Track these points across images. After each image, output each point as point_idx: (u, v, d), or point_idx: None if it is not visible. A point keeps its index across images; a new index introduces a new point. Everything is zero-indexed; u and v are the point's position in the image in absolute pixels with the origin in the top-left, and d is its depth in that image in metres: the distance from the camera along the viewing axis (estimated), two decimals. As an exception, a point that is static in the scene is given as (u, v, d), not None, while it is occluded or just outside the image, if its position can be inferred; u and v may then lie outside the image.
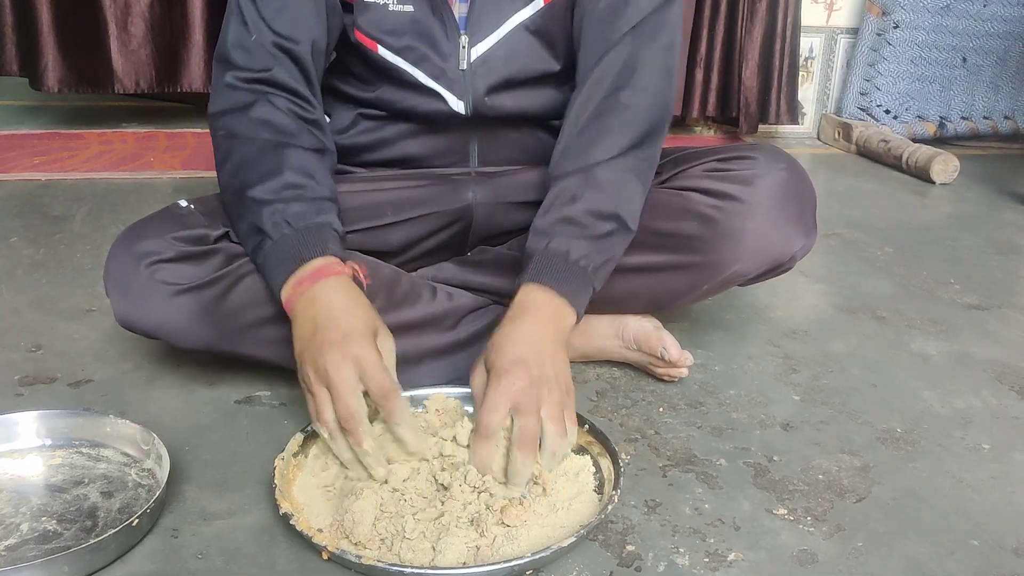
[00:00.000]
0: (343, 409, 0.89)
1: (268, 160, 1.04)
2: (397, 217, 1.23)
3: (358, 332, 0.92)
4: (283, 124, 1.06)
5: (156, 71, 2.52)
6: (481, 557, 0.86)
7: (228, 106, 1.08)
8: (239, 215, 1.06)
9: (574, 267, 1.01)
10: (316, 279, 0.97)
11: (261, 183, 1.03)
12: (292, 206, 1.01)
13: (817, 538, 0.93)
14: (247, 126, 1.06)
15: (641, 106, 1.10)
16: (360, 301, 0.97)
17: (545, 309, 0.99)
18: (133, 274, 1.05)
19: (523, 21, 1.15)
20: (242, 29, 1.08)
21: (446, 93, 1.16)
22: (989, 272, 1.77)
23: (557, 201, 1.06)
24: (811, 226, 1.17)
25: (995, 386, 1.28)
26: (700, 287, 1.18)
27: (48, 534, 0.88)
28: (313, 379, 0.91)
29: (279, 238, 1.00)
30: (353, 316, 0.94)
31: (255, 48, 1.07)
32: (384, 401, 0.90)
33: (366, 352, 0.91)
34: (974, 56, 2.86)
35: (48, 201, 1.97)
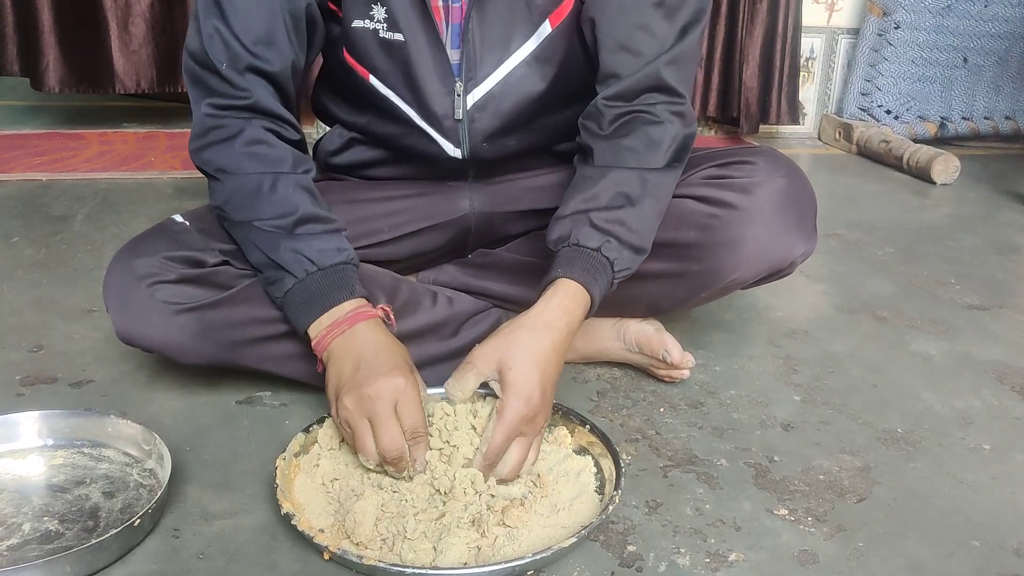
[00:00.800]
0: (389, 442, 0.92)
1: (269, 195, 1.02)
2: (393, 234, 1.22)
3: (401, 365, 0.96)
4: (271, 153, 1.04)
5: (157, 71, 2.52)
6: (482, 557, 0.86)
7: (211, 138, 1.05)
8: (250, 245, 1.05)
9: (612, 277, 1.03)
10: (353, 322, 0.99)
11: (272, 219, 1.02)
12: (311, 243, 1.01)
13: (818, 538, 0.93)
14: (236, 160, 1.03)
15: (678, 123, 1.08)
16: (396, 342, 1.01)
17: (578, 313, 1.00)
18: (133, 292, 1.05)
19: (532, 52, 1.11)
20: (211, 48, 1.03)
21: (441, 140, 1.14)
22: (990, 272, 1.76)
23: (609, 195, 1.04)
24: (811, 232, 1.16)
25: (996, 386, 1.28)
26: (699, 294, 1.17)
27: (50, 534, 0.88)
28: (354, 411, 0.93)
29: (304, 278, 1.01)
30: (395, 354, 0.98)
31: (230, 73, 1.03)
32: (412, 443, 0.93)
33: (409, 385, 0.94)
34: (975, 56, 2.86)
35: (49, 201, 1.97)
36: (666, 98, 1.09)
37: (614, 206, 1.03)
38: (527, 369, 0.95)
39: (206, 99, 1.05)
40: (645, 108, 1.07)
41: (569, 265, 1.01)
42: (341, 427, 0.96)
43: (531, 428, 0.95)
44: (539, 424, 0.97)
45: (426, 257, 1.26)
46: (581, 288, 1.00)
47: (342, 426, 0.96)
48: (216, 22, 1.03)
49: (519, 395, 0.94)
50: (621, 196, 1.04)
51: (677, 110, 1.09)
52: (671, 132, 1.07)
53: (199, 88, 1.06)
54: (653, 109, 1.08)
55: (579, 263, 1.01)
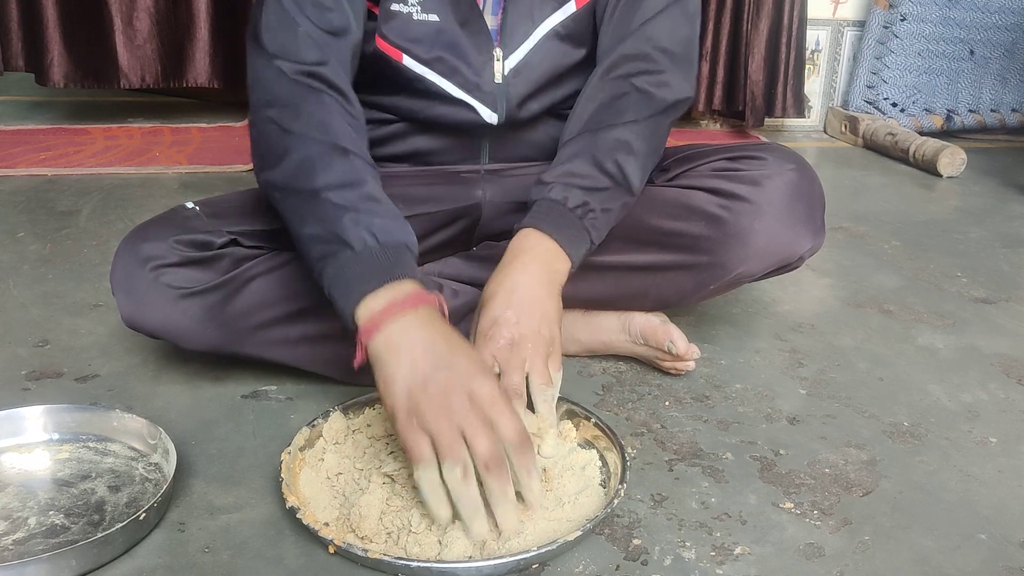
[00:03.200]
0: (490, 447, 0.82)
1: (340, 165, 0.96)
2: (405, 213, 1.22)
3: (486, 370, 0.87)
4: (342, 130, 0.99)
5: (162, 66, 2.52)
6: (487, 551, 0.86)
7: (277, 98, 1.00)
8: (305, 215, 0.95)
9: (570, 214, 1.05)
10: (415, 304, 0.88)
11: (337, 189, 0.94)
12: (375, 219, 0.93)
13: (824, 532, 0.93)
14: (304, 124, 0.98)
15: (657, 93, 1.13)
16: (463, 336, 0.90)
17: (537, 252, 1.02)
18: (138, 277, 1.05)
19: (555, 27, 1.14)
20: (284, 16, 1.02)
21: (479, 106, 1.15)
22: (996, 265, 1.76)
23: (562, 158, 1.10)
24: (819, 227, 1.17)
25: (1002, 379, 1.28)
26: (707, 287, 1.17)
27: (55, 528, 0.89)
28: (440, 413, 0.82)
29: (362, 250, 0.90)
30: (472, 352, 0.89)
31: (303, 38, 1.01)
32: (520, 450, 0.84)
33: (501, 391, 0.85)
34: (981, 49, 2.84)
35: (54, 196, 1.97)
36: (647, 66, 1.13)
37: (559, 163, 1.09)
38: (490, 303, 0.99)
39: (275, 59, 1.01)
40: (620, 82, 1.12)
41: (523, 218, 1.06)
42: (408, 435, 0.83)
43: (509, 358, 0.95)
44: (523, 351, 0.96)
45: (432, 242, 1.26)
46: (530, 229, 1.04)
47: (412, 433, 0.83)
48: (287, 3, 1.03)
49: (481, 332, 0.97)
50: (570, 155, 1.09)
51: (660, 79, 1.13)
52: (642, 101, 1.11)
53: (263, 52, 1.02)
54: (630, 81, 1.12)
55: (528, 213, 1.06)
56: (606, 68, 1.14)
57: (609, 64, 1.13)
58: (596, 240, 1.07)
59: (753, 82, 2.72)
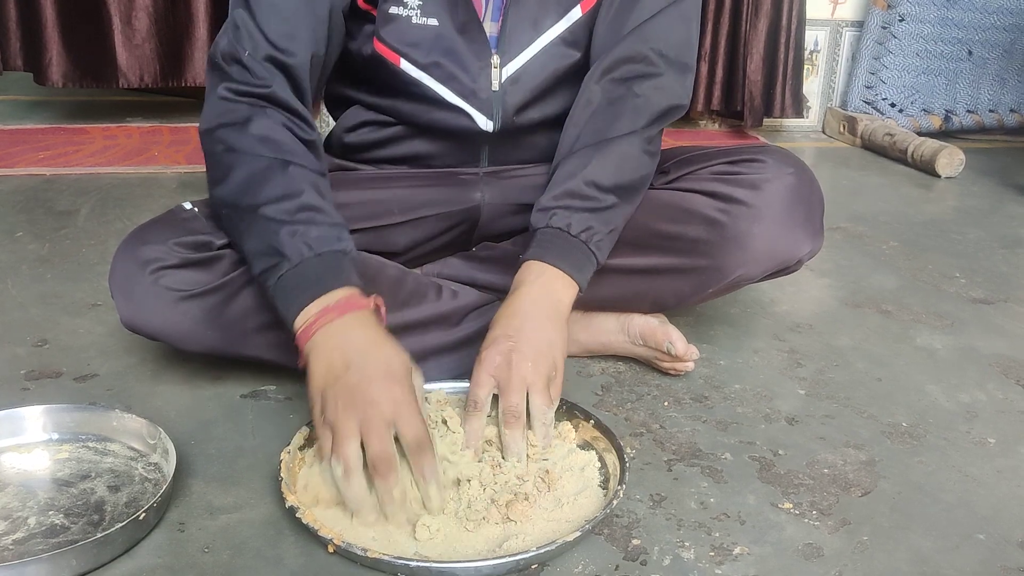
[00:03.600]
0: (381, 449, 0.85)
1: (279, 178, 0.99)
2: (404, 217, 1.22)
3: (399, 371, 0.89)
4: (285, 143, 1.01)
5: (160, 65, 2.52)
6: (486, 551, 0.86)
7: (224, 120, 1.02)
8: (246, 232, 1.00)
9: (575, 241, 1.05)
10: (344, 311, 0.92)
11: (276, 202, 0.97)
12: (311, 229, 0.96)
13: (823, 532, 0.93)
14: (248, 142, 1.00)
15: (653, 98, 1.13)
16: (390, 338, 0.93)
17: (542, 284, 1.03)
18: (137, 279, 1.05)
19: (560, 34, 1.14)
20: (237, 38, 1.03)
21: (475, 113, 1.16)
22: (995, 266, 1.76)
23: (559, 177, 1.09)
24: (818, 230, 1.17)
25: (1001, 380, 1.28)
26: (706, 290, 1.18)
27: (55, 528, 0.89)
28: (341, 412, 0.86)
29: (299, 262, 0.94)
30: (390, 353, 0.91)
31: (250, 62, 1.02)
32: (418, 453, 0.87)
33: (407, 395, 0.88)
34: (980, 49, 2.85)
35: (53, 196, 1.97)
36: (645, 69, 1.13)
37: (559, 183, 1.08)
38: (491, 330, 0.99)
39: (223, 83, 1.03)
40: (617, 86, 1.12)
41: (525, 249, 1.06)
42: (320, 431, 0.89)
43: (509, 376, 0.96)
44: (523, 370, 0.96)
45: (431, 245, 1.26)
46: (534, 261, 1.04)
47: (320, 429, 0.88)
48: (242, 12, 1.04)
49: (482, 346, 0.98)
50: (568, 174, 1.08)
51: (656, 83, 1.13)
52: (639, 107, 1.11)
53: (217, 74, 1.05)
54: (628, 85, 1.12)
55: (531, 243, 1.06)
56: (603, 70, 1.13)
57: (605, 66, 1.13)
58: (602, 260, 1.07)
59: (752, 82, 2.72)
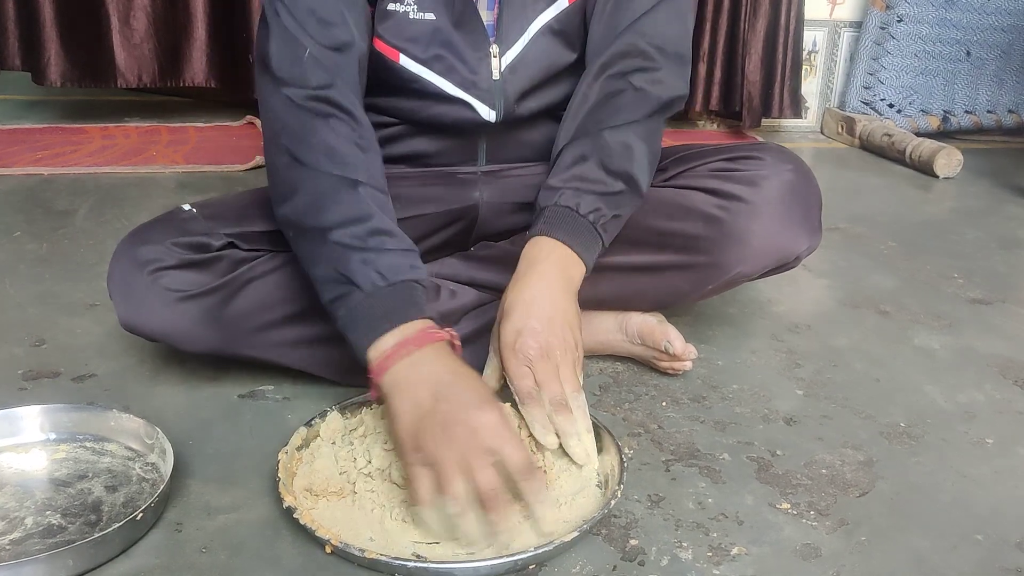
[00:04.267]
0: (489, 484, 0.83)
1: (347, 200, 0.97)
2: (402, 214, 1.22)
3: (489, 398, 0.88)
4: (351, 157, 0.99)
5: (158, 65, 2.52)
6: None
7: (287, 127, 1.00)
8: (314, 257, 0.98)
9: (583, 221, 1.04)
10: (422, 343, 0.90)
11: (345, 227, 0.95)
12: (383, 257, 0.94)
13: (820, 532, 0.93)
14: (314, 157, 0.98)
15: (653, 91, 1.12)
16: (471, 369, 0.93)
17: (552, 260, 1.01)
18: (136, 280, 1.05)
19: (547, 23, 1.14)
20: (288, 38, 1.01)
21: (476, 103, 1.15)
22: (993, 266, 1.76)
23: (566, 161, 1.08)
24: (816, 227, 1.17)
25: (998, 380, 1.28)
26: (704, 287, 1.18)
27: (52, 528, 0.88)
28: (441, 447, 0.84)
29: (372, 291, 0.93)
30: (476, 382, 0.91)
31: (308, 62, 1.00)
32: (528, 478, 0.85)
33: (504, 420, 0.87)
34: (978, 50, 2.85)
35: (51, 196, 1.97)
36: (643, 63, 1.12)
37: (568, 168, 1.07)
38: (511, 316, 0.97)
39: (281, 88, 1.01)
40: (616, 80, 1.11)
41: (533, 227, 1.05)
42: (412, 469, 0.86)
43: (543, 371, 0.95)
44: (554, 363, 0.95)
45: (429, 243, 1.26)
46: (544, 237, 1.03)
47: (415, 467, 0.86)
48: (285, 13, 1.02)
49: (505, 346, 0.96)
50: (577, 158, 1.07)
51: (654, 77, 1.12)
52: (639, 99, 1.11)
53: (271, 80, 1.02)
54: (627, 79, 1.11)
55: (539, 220, 1.04)
56: (600, 66, 1.13)
57: (603, 62, 1.13)
58: (607, 243, 1.07)
59: (750, 83, 2.72)
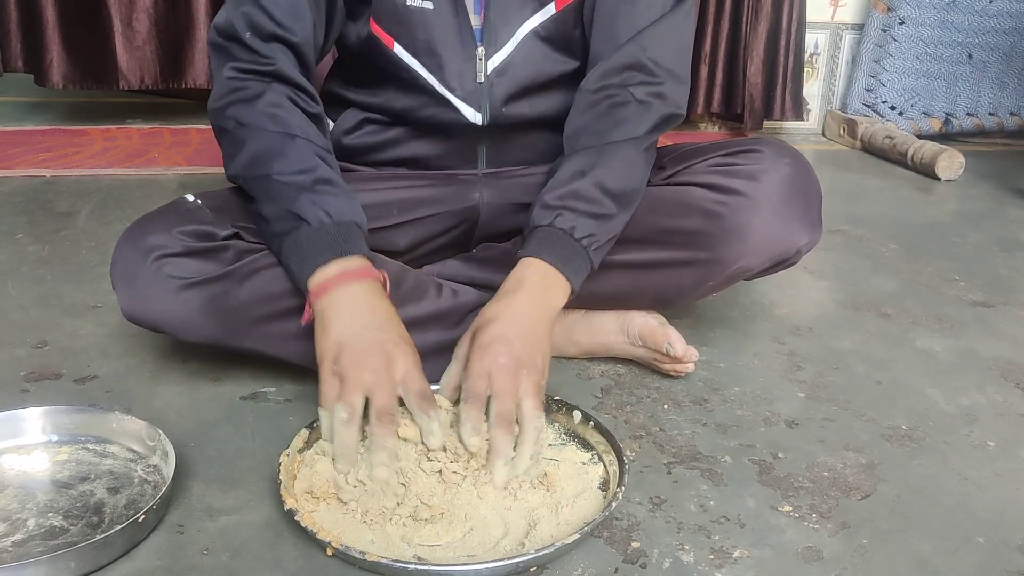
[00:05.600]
0: (387, 402, 0.90)
1: (291, 152, 1.03)
2: (404, 217, 1.22)
3: (411, 344, 0.95)
4: (294, 119, 1.05)
5: (160, 67, 2.52)
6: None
7: (232, 98, 1.06)
8: (264, 197, 1.03)
9: (577, 245, 1.04)
10: (361, 276, 0.97)
11: (291, 172, 1.01)
12: (329, 199, 1.00)
13: (822, 535, 0.93)
14: (257, 117, 1.04)
15: (654, 105, 1.12)
16: (394, 313, 0.99)
17: (540, 285, 1.02)
18: (140, 268, 1.05)
19: (534, 28, 1.15)
20: (238, 18, 1.06)
21: (462, 105, 1.17)
22: (994, 269, 1.76)
23: (565, 175, 1.08)
24: (816, 221, 1.17)
25: (1000, 383, 1.28)
26: (705, 283, 1.18)
27: (54, 530, 0.88)
28: (356, 363, 0.91)
29: (319, 226, 0.99)
30: (402, 328, 0.96)
31: (253, 41, 1.06)
32: (424, 401, 0.92)
33: (418, 362, 0.94)
34: (980, 52, 2.85)
35: (53, 197, 1.97)
36: (644, 77, 1.13)
37: (566, 183, 1.07)
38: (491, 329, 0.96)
39: (228, 63, 1.07)
40: (618, 90, 1.12)
41: (525, 245, 1.05)
42: (324, 379, 0.93)
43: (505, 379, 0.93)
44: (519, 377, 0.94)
45: (431, 246, 1.27)
46: (535, 259, 1.03)
47: (327, 377, 0.93)
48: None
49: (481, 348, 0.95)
50: (576, 173, 1.07)
51: (656, 91, 1.13)
52: (641, 111, 1.11)
53: (222, 55, 1.08)
54: (628, 90, 1.12)
55: (532, 239, 1.05)
56: (601, 74, 1.13)
57: (604, 71, 1.13)
58: (596, 266, 1.07)
59: (752, 85, 2.72)
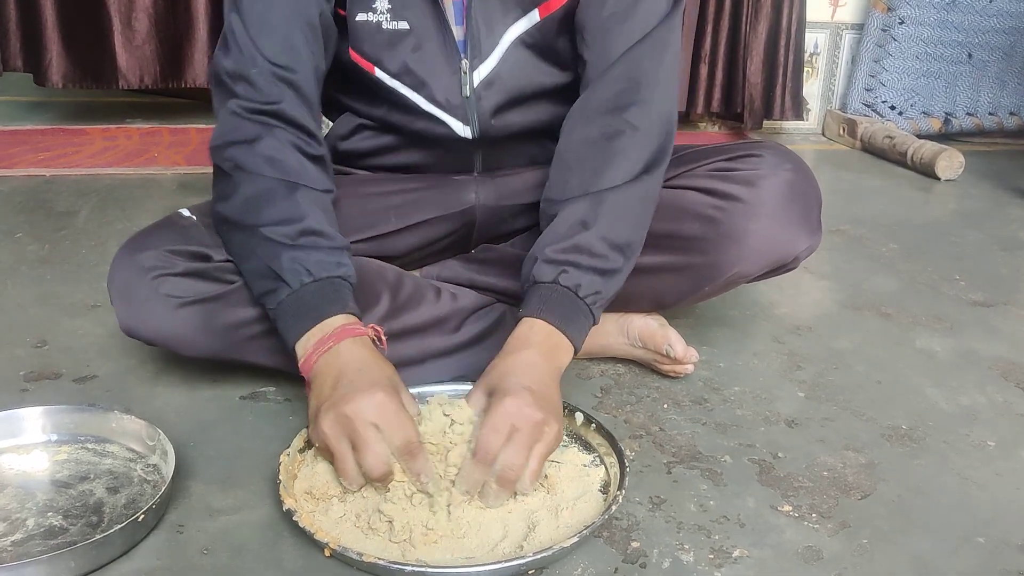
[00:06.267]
0: (374, 464, 0.87)
1: (282, 201, 1.00)
2: (401, 224, 1.22)
3: (380, 380, 0.90)
4: (292, 164, 1.02)
5: (160, 67, 2.52)
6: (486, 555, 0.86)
7: (233, 137, 1.03)
8: (248, 252, 1.02)
9: (581, 304, 1.00)
10: (339, 339, 0.94)
11: (278, 225, 0.99)
12: (312, 254, 0.98)
13: (822, 535, 0.93)
14: (254, 161, 1.01)
15: (650, 127, 1.07)
16: (383, 360, 0.95)
17: (547, 345, 0.98)
18: (137, 285, 1.05)
19: (519, 36, 1.12)
20: (239, 56, 1.04)
21: (450, 120, 1.14)
22: (994, 269, 1.76)
23: (565, 226, 1.03)
24: (815, 227, 1.16)
25: (1000, 383, 1.28)
26: (703, 287, 1.17)
27: (54, 529, 0.88)
28: (331, 433, 0.88)
29: (298, 288, 0.97)
30: (378, 371, 0.92)
31: (257, 78, 1.03)
32: (408, 457, 0.88)
33: (389, 398, 0.89)
34: (979, 52, 2.85)
35: (52, 197, 1.97)
36: (635, 96, 1.07)
37: (568, 236, 1.02)
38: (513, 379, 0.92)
39: (231, 100, 1.04)
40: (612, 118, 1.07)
41: (527, 304, 1.00)
42: (321, 452, 0.92)
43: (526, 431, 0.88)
44: (540, 432, 0.89)
45: (430, 249, 1.26)
46: (539, 320, 0.98)
47: (322, 451, 0.92)
48: (239, 28, 1.03)
49: (505, 393, 0.90)
50: (576, 224, 1.03)
51: (648, 110, 1.07)
52: (635, 142, 1.06)
53: (223, 91, 1.05)
54: (622, 116, 1.06)
55: (534, 297, 1.00)
56: (593, 98, 1.09)
57: (597, 95, 1.08)
58: (598, 322, 1.04)
59: (752, 84, 2.72)
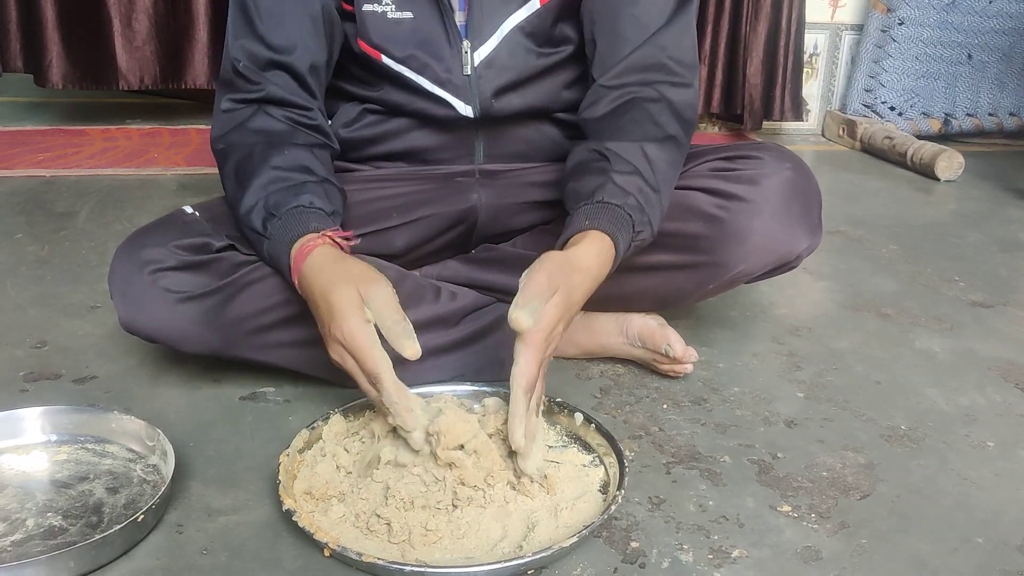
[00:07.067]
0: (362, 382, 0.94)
1: (257, 160, 1.07)
2: (402, 219, 1.23)
3: (339, 311, 0.93)
4: (277, 129, 1.10)
5: (160, 67, 2.52)
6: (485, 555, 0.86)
7: (226, 127, 1.12)
8: (243, 223, 1.08)
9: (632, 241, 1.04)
10: (299, 262, 0.99)
11: (252, 183, 1.06)
12: (273, 198, 1.04)
13: (821, 535, 0.93)
14: (242, 136, 1.10)
15: (680, 101, 1.13)
16: (336, 269, 0.97)
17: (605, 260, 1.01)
18: (137, 281, 1.06)
19: (519, 24, 1.16)
20: (237, 50, 1.12)
21: (452, 99, 1.18)
22: (994, 269, 1.76)
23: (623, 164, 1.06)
24: (816, 226, 1.17)
25: (1000, 383, 1.28)
26: (705, 286, 1.18)
27: (53, 530, 0.89)
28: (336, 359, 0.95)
29: (272, 233, 1.03)
30: (333, 293, 0.94)
31: (246, 71, 1.11)
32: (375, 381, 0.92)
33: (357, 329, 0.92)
34: (979, 53, 2.85)
35: (52, 197, 1.97)
36: (664, 76, 1.13)
37: (627, 171, 1.06)
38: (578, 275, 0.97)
39: (226, 95, 1.13)
40: (641, 88, 1.11)
41: (596, 218, 1.02)
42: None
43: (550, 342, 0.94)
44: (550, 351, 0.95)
45: (431, 247, 1.27)
46: (609, 240, 1.01)
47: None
48: (242, 26, 1.11)
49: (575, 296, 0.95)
50: (629, 164, 1.07)
51: (677, 80, 1.13)
52: (669, 107, 1.11)
53: (222, 89, 1.14)
54: (651, 88, 1.12)
55: (605, 216, 1.03)
56: (620, 71, 1.12)
57: (623, 69, 1.12)
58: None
59: (751, 85, 2.72)
